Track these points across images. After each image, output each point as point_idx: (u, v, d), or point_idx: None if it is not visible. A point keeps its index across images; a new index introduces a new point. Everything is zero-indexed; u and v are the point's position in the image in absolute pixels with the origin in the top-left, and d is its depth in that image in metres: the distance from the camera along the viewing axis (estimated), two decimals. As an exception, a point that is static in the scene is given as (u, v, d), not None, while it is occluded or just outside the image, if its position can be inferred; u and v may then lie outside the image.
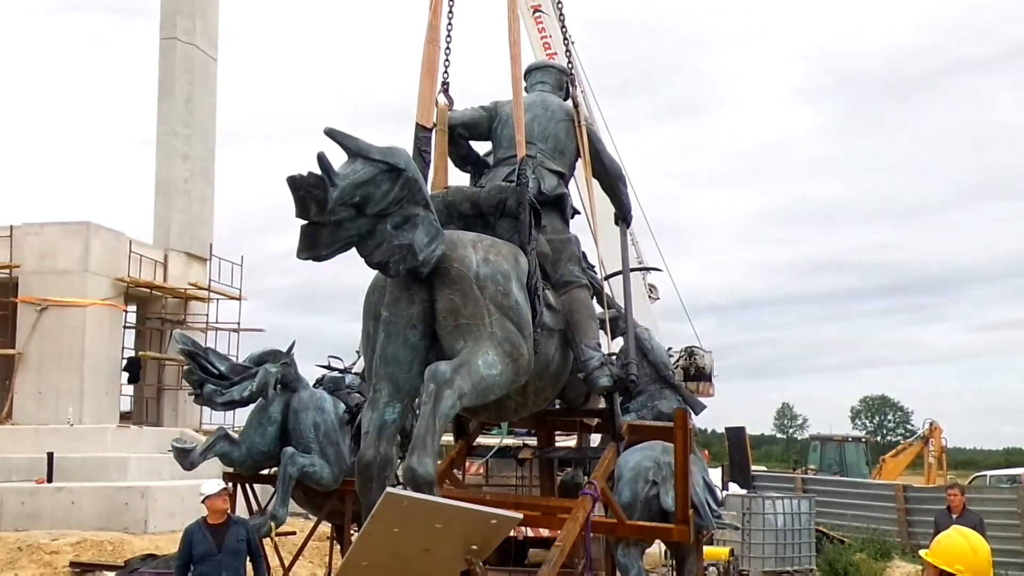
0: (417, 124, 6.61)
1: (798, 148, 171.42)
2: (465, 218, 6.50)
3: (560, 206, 7.15)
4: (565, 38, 7.79)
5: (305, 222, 5.02)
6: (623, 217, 8.21)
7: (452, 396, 5.23)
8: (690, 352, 17.57)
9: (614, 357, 7.13)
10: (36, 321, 22.71)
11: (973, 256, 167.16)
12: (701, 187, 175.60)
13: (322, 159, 4.92)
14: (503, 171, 6.95)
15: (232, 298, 26.95)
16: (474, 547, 5.25)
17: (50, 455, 19.25)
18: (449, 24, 6.79)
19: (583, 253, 7.36)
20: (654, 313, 20.62)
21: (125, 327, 25.05)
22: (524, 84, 7.23)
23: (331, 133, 5.07)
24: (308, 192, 4.88)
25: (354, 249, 5.28)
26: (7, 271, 22.85)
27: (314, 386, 10.84)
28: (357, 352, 6.54)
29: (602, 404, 7.43)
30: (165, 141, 26.40)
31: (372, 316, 5.81)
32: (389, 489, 5.08)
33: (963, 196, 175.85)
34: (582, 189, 7.76)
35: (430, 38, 6.71)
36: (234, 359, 11.16)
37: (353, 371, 11.18)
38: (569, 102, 7.66)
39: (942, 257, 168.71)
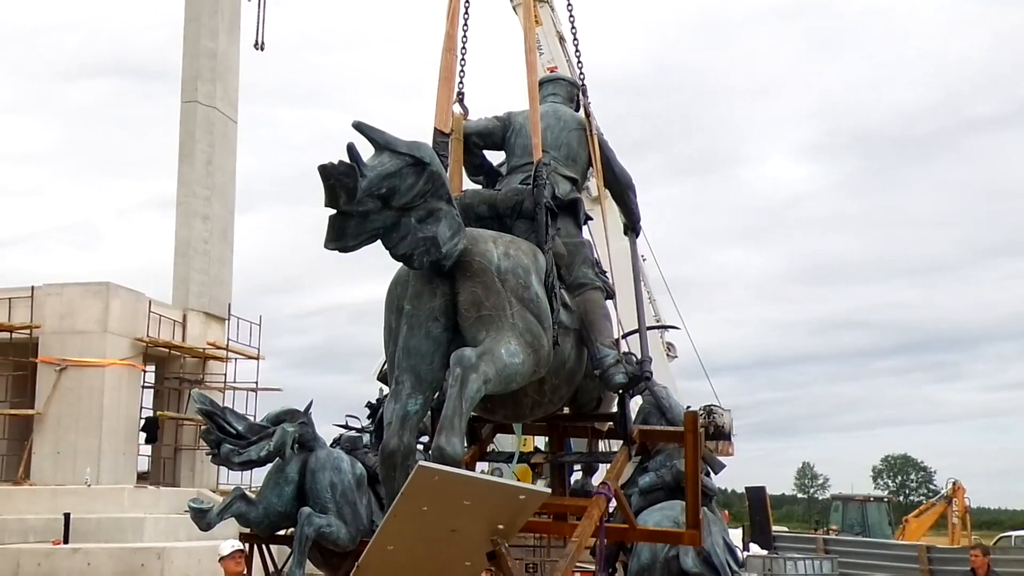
0: (435, 129, 6.77)
1: (813, 205, 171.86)
2: (482, 220, 6.60)
3: (573, 211, 7.25)
4: (576, 49, 7.90)
5: (333, 213, 5.11)
6: (632, 227, 8.28)
7: (478, 380, 5.30)
8: (709, 411, 17.37)
9: (629, 355, 7.14)
10: (56, 381, 22.83)
11: (990, 314, 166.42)
12: (717, 244, 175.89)
13: (351, 149, 5.02)
14: (517, 178, 7.09)
15: (250, 357, 27.03)
16: (500, 527, 5.27)
17: (66, 516, 19.22)
18: (464, 36, 7.02)
19: (596, 259, 7.44)
20: (672, 371, 20.57)
21: (143, 387, 25.15)
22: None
23: (359, 126, 5.17)
24: (338, 180, 4.98)
25: (379, 244, 5.37)
26: (27, 332, 23.00)
27: (331, 445, 10.81)
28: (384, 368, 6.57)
29: (614, 408, 7.44)
30: (185, 202, 26.69)
31: (395, 310, 5.88)
32: (421, 463, 5.07)
33: (979, 253, 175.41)
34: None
35: (447, 47, 6.93)
36: (252, 419, 11.15)
37: (370, 430, 11.15)
38: (581, 112, 7.81)
39: (959, 315, 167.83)
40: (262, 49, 27.74)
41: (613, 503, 7.02)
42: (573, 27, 8.01)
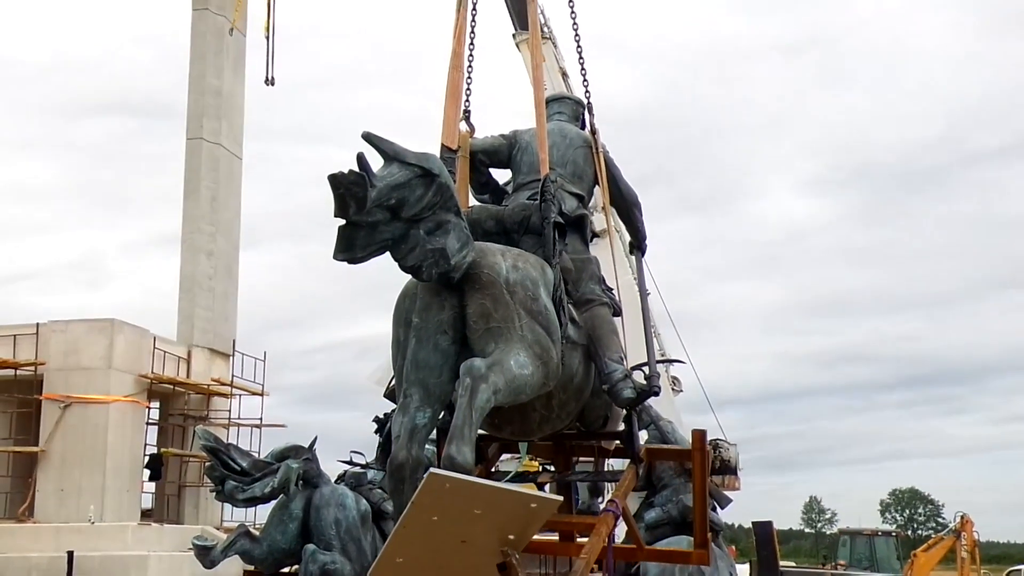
0: (442, 145, 6.82)
1: (818, 239, 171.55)
2: (489, 235, 6.59)
3: (580, 227, 7.28)
4: (582, 69, 7.94)
5: (342, 224, 5.12)
6: (638, 245, 8.29)
7: (488, 390, 5.28)
8: (714, 445, 17.30)
9: (637, 371, 7.13)
10: (60, 418, 22.79)
11: (996, 346, 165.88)
12: (722, 278, 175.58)
13: (361, 159, 5.04)
14: (524, 195, 7.13)
15: (255, 394, 26.98)
16: (511, 537, 5.23)
17: (70, 554, 19.13)
18: (471, 55, 7.09)
19: (603, 276, 7.44)
20: (677, 406, 20.54)
21: (148, 423, 25.10)
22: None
23: (368, 137, 5.19)
24: (348, 190, 4.99)
25: (388, 256, 5.39)
26: (32, 368, 23.00)
27: (336, 482, 10.78)
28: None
29: (621, 427, 7.43)
30: (190, 239, 26.76)
31: (403, 323, 5.87)
32: (432, 470, 5.03)
33: (984, 286, 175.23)
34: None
35: (454, 64, 7.00)
36: (256, 455, 11.14)
37: (375, 466, 11.12)
38: (586, 130, 7.86)
39: (965, 347, 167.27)
40: (272, 84, 27.88)
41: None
42: (579, 47, 8.02)
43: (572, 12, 7.91)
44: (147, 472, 24.71)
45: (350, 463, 11.36)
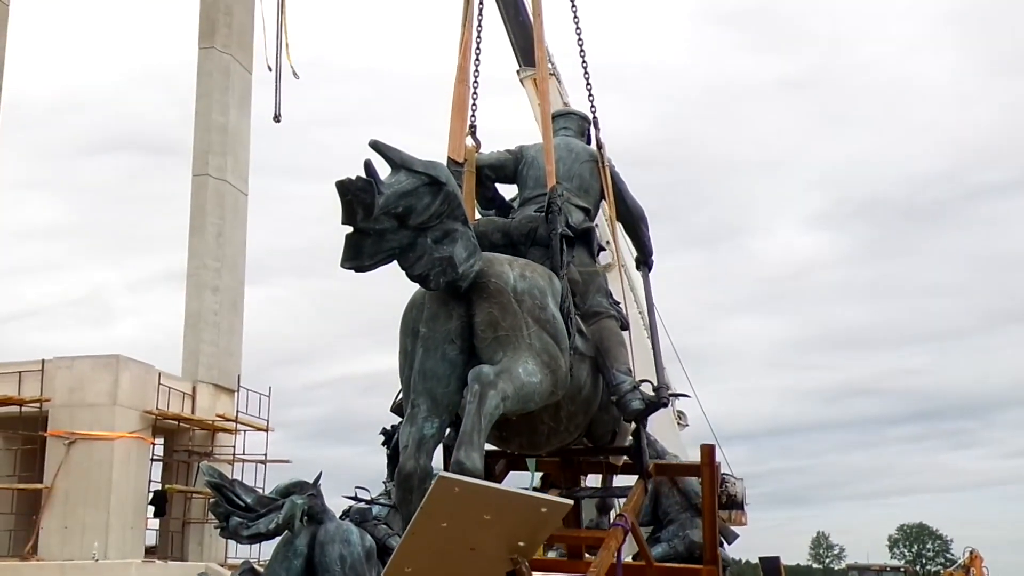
0: (448, 158, 6.83)
1: (823, 274, 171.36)
2: (496, 248, 6.58)
3: (587, 240, 7.25)
4: (587, 81, 7.97)
5: (350, 231, 5.13)
6: (645, 260, 8.28)
7: (496, 397, 5.28)
8: (721, 480, 17.31)
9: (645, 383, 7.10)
10: (64, 455, 22.75)
11: (1004, 380, 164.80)
12: (727, 313, 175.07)
13: (369, 166, 5.06)
14: (531, 208, 7.13)
15: (259, 429, 26.94)
16: (521, 544, 5.18)
17: (74, 592, 19.07)
18: (477, 71, 7.14)
19: (610, 290, 7.43)
20: (683, 441, 20.41)
21: (152, 460, 25.03)
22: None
23: (376, 145, 5.21)
24: (356, 196, 5.00)
25: (395, 264, 5.39)
26: (37, 405, 22.98)
27: (341, 518, 10.74)
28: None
29: (629, 440, 7.39)
30: (196, 274, 26.83)
31: (410, 333, 5.84)
32: (442, 473, 4.99)
33: (989, 320, 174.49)
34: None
35: (460, 79, 7.07)
36: (261, 491, 11.10)
37: (380, 501, 11.08)
38: (592, 145, 7.86)
39: (972, 382, 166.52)
40: (279, 121, 28.02)
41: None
42: (584, 64, 8.05)
43: (578, 36, 7.96)
44: (151, 508, 24.63)
45: (355, 499, 11.32)
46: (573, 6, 7.98)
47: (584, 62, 7.97)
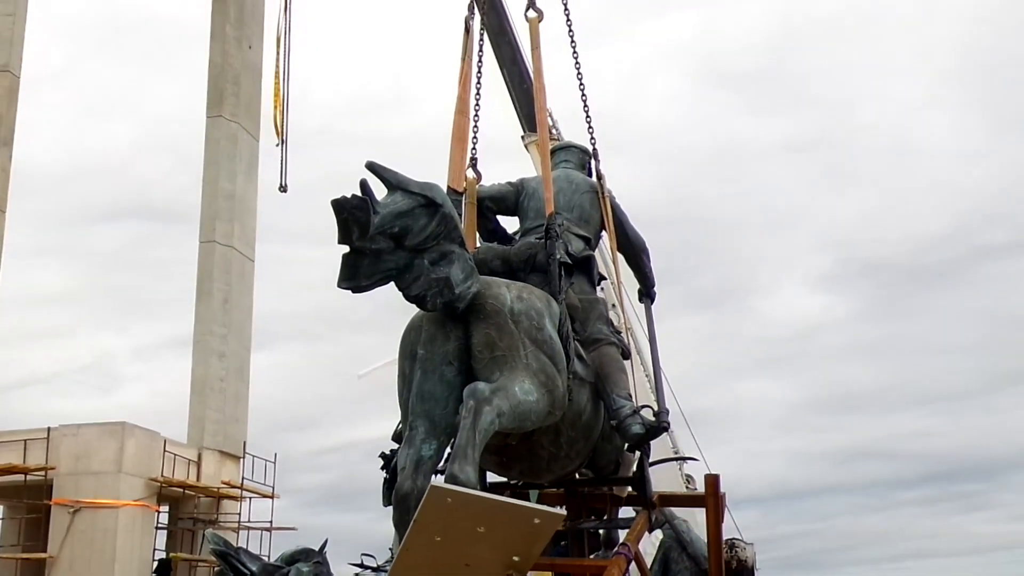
0: (449, 188, 6.87)
1: (829, 335, 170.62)
2: (496, 274, 6.60)
3: (587, 268, 7.28)
4: (585, 110, 8.02)
5: (346, 252, 5.14)
6: (647, 292, 8.26)
7: (491, 413, 5.25)
8: (731, 544, 17.06)
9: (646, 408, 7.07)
10: (69, 523, 22.58)
11: (1016, 441, 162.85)
12: (735, 375, 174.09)
13: (364, 185, 5.08)
14: (531, 238, 7.17)
15: (265, 496, 26.75)
16: (516, 559, 5.11)
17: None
18: (477, 104, 7.23)
19: (611, 318, 7.43)
20: (692, 504, 20.21)
21: (157, 528, 24.82)
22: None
23: (371, 166, 5.25)
24: (351, 214, 5.02)
25: (392, 287, 5.41)
26: (42, 473, 22.86)
27: (347, 585, 10.64)
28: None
29: (633, 469, 7.36)
30: (202, 340, 26.82)
31: (408, 355, 5.84)
32: (434, 483, 4.97)
33: (1000, 380, 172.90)
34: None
35: (459, 109, 7.18)
36: (266, 559, 11.02)
37: (387, 569, 10.99)
38: (593, 177, 7.90)
39: (984, 443, 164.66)
40: (284, 191, 28.18)
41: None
42: (583, 92, 8.11)
43: (577, 69, 8.04)
44: (156, 578, 24.40)
45: (361, 566, 11.22)
46: (575, 53, 8.08)
47: (584, 95, 8.06)
